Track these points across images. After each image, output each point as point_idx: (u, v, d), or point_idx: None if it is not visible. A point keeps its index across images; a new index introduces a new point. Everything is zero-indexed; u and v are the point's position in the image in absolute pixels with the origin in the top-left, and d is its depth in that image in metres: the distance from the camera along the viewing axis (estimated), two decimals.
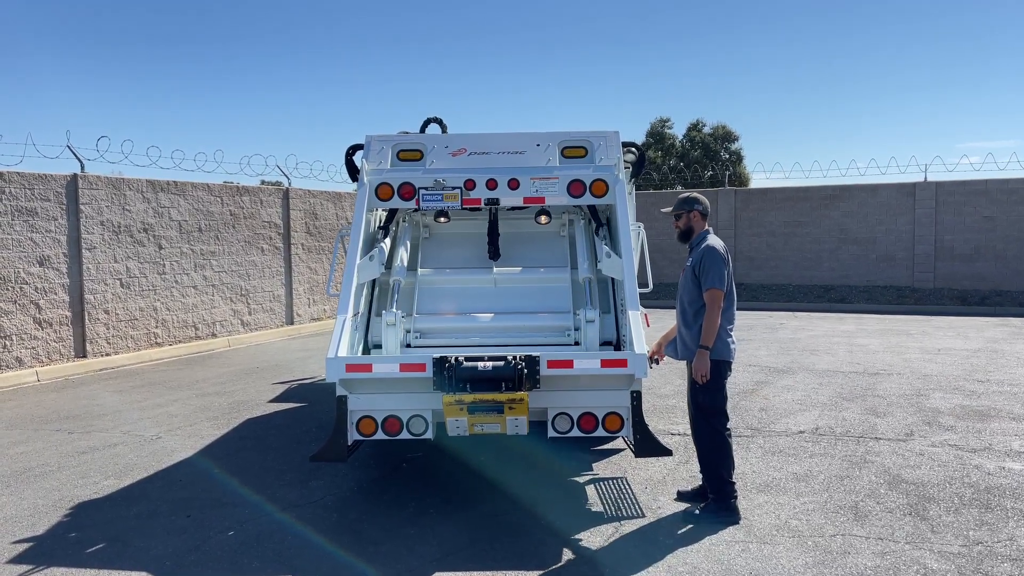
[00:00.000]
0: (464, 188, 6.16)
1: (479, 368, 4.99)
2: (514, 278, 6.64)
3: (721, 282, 5.01)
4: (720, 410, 5.12)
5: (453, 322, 6.31)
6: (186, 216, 13.79)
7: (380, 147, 6.46)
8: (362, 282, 6.00)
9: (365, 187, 6.19)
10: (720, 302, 5.00)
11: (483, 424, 5.09)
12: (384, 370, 5.14)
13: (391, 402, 5.33)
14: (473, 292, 6.55)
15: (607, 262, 5.95)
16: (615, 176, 6.19)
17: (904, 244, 20.01)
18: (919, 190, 19.84)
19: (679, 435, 7.20)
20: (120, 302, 12.52)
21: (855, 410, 8.15)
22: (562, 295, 6.47)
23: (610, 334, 6.18)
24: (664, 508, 5.36)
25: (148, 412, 8.64)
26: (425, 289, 6.59)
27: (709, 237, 5.24)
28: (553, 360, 5.10)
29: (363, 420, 5.35)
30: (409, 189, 6.19)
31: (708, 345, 4.99)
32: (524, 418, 5.05)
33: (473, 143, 6.42)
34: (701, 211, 5.31)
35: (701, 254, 5.12)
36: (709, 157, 39.31)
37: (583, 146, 6.46)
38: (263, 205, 15.61)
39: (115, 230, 12.46)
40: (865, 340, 13.35)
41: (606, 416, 5.32)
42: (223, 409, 8.72)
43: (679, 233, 5.37)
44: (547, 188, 6.17)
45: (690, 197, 5.33)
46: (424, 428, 5.34)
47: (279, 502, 5.61)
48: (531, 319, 6.30)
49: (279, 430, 7.74)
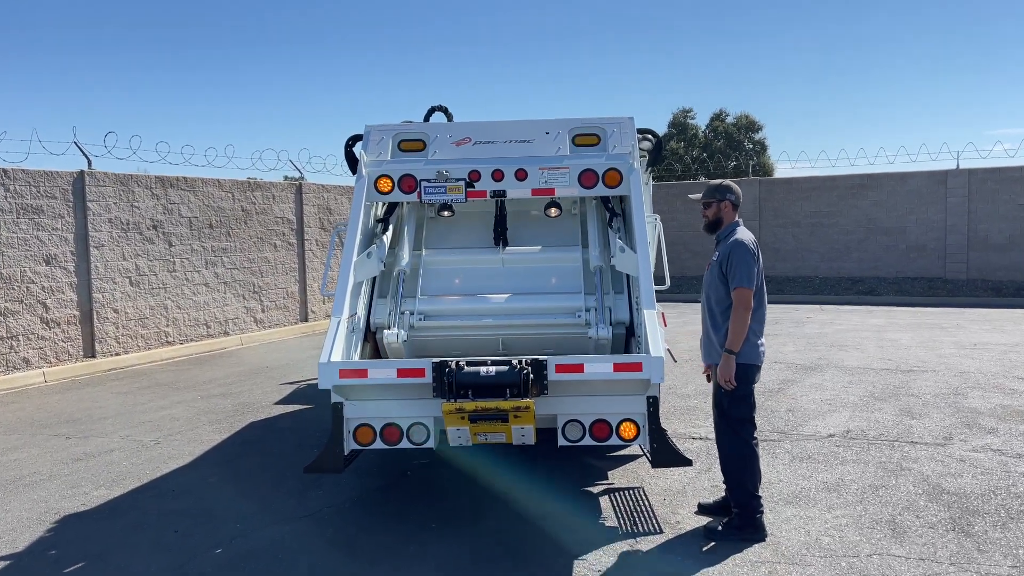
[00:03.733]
0: (468, 180, 5.79)
1: (481, 374, 4.63)
2: (523, 258, 6.36)
3: (750, 280, 4.60)
4: (746, 418, 4.72)
5: (459, 303, 6.09)
6: (196, 212, 13.55)
7: (380, 137, 6.10)
8: (359, 280, 5.65)
9: (364, 179, 5.84)
10: (749, 302, 4.59)
11: (486, 433, 4.72)
12: (381, 376, 4.79)
13: (390, 409, 4.99)
14: (480, 273, 6.30)
15: (621, 257, 5.56)
16: (630, 165, 5.79)
17: (935, 234, 19.36)
18: (951, 178, 19.18)
19: (701, 439, 6.80)
20: (129, 301, 12.30)
21: (888, 411, 7.69)
22: (573, 276, 6.20)
23: (623, 315, 5.89)
24: (684, 523, 4.97)
25: (150, 415, 8.37)
26: (430, 270, 6.34)
27: (738, 230, 4.83)
28: (562, 364, 4.72)
29: (360, 429, 5.02)
30: (410, 181, 5.83)
31: (734, 349, 4.58)
32: (531, 427, 4.68)
33: (478, 132, 6.05)
34: (733, 201, 4.89)
35: (729, 249, 4.70)
36: (732, 147, 38.68)
37: (596, 133, 6.06)
38: (276, 200, 15.33)
39: (123, 227, 12.24)
40: (896, 334, 12.82)
41: (620, 423, 4.94)
42: (227, 412, 8.44)
43: (706, 223, 4.96)
44: (557, 179, 5.79)
45: (722, 185, 4.92)
46: (425, 437, 4.99)
47: (274, 514, 5.29)
48: (540, 300, 6.04)
49: (282, 434, 7.43)
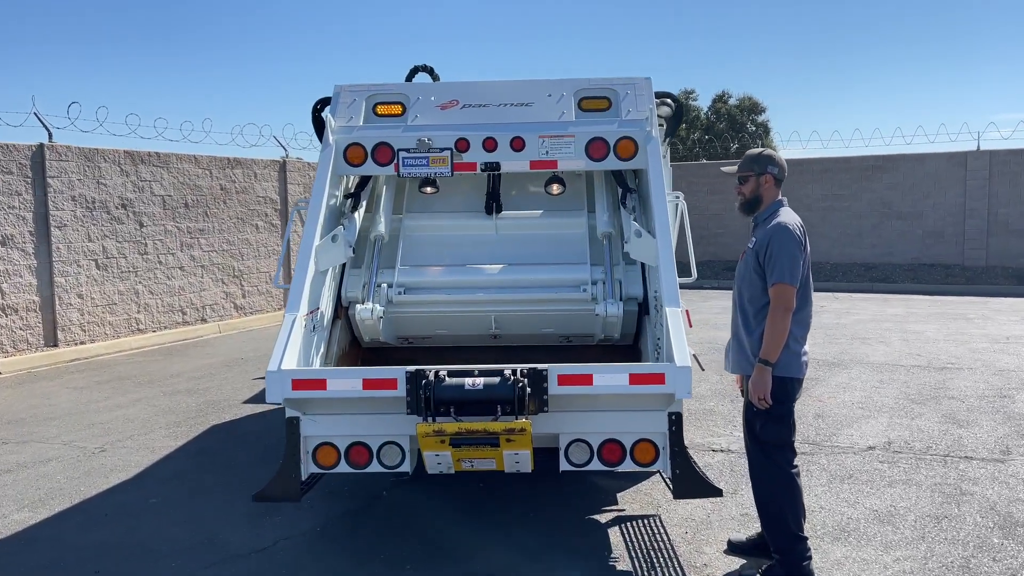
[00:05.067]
0: (455, 149, 4.89)
1: (466, 387, 3.75)
2: (519, 224, 5.57)
3: (793, 275, 3.70)
4: (784, 443, 3.83)
5: (445, 275, 5.31)
6: (170, 191, 12.60)
7: (351, 99, 5.19)
8: (323, 269, 4.74)
9: (330, 148, 4.93)
10: (791, 302, 3.70)
11: (472, 460, 3.85)
12: (342, 388, 3.91)
13: (357, 425, 4.11)
14: (470, 240, 5.51)
15: (637, 243, 4.66)
16: (647, 133, 4.88)
17: (954, 218, 18.45)
18: (971, 159, 18.25)
19: (723, 452, 5.93)
20: (96, 285, 11.38)
21: (930, 417, 6.82)
22: (577, 243, 5.42)
23: (635, 289, 5.15)
24: (712, 566, 4.10)
25: (103, 415, 7.49)
26: (412, 236, 5.53)
27: (782, 211, 3.93)
28: (566, 375, 3.84)
29: (321, 448, 4.15)
30: (386, 151, 4.93)
31: (770, 359, 3.69)
32: (527, 452, 3.80)
33: (467, 93, 5.14)
34: (775, 175, 3.98)
35: (769, 235, 3.80)
36: (735, 129, 37.76)
37: (606, 96, 5.16)
38: (258, 178, 14.40)
39: (89, 206, 11.30)
40: (919, 326, 11.95)
41: (636, 444, 4.07)
42: (189, 412, 7.56)
43: (742, 202, 4.04)
44: (560, 149, 4.88)
45: (763, 155, 4.00)
46: (399, 459, 4.12)
47: (219, 550, 4.41)
48: (539, 271, 5.27)
49: (245, 441, 6.55)
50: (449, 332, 5.55)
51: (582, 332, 5.50)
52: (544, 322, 5.38)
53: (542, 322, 5.38)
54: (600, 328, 5.24)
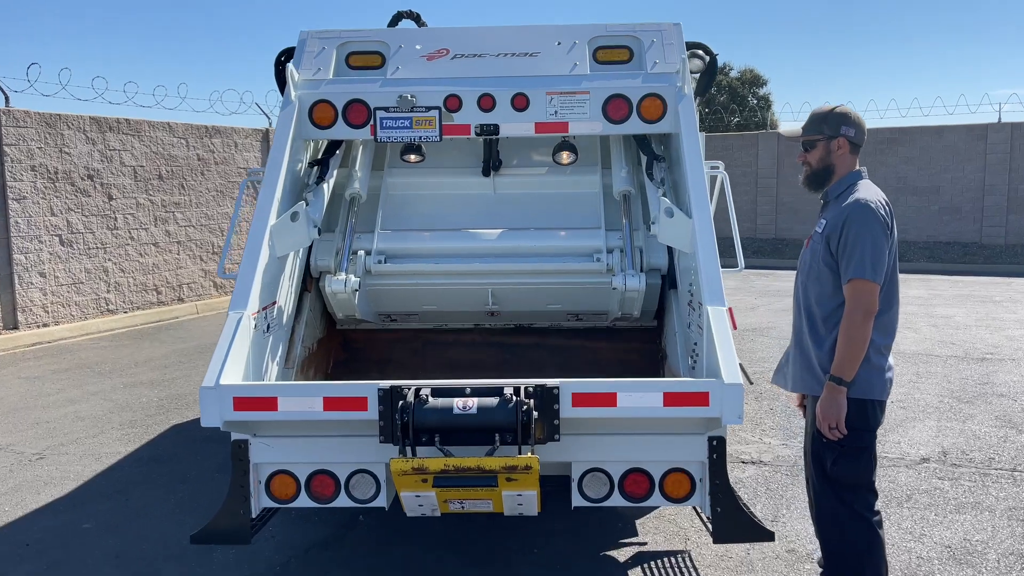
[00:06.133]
0: (445, 108, 4.03)
1: (455, 410, 2.93)
2: (521, 182, 4.77)
3: (877, 269, 2.88)
4: (862, 483, 3.03)
5: (433, 241, 4.53)
6: (142, 161, 11.69)
7: (320, 48, 4.32)
8: (281, 255, 3.88)
9: (292, 106, 4.06)
10: (873, 303, 2.88)
11: (463, 501, 3.04)
12: (297, 408, 3.09)
13: (321, 450, 3.31)
14: (463, 201, 4.71)
15: (667, 224, 3.79)
16: (678, 89, 4.03)
17: (972, 194, 17.61)
18: (992, 132, 17.38)
19: (753, 464, 5.14)
20: (60, 263, 10.51)
21: (983, 420, 6.04)
22: (591, 205, 4.62)
23: (659, 259, 4.38)
24: None
25: (52, 412, 6.67)
26: (394, 196, 4.73)
27: (860, 185, 3.10)
28: (583, 394, 3.03)
29: (277, 478, 3.35)
30: (361, 110, 4.07)
31: (845, 377, 2.88)
32: (533, 493, 2.99)
33: (460, 41, 4.28)
34: (851, 138, 3.15)
35: (844, 215, 2.96)
36: (736, 102, 36.86)
37: (627, 45, 4.31)
38: (238, 148, 13.47)
39: (51, 177, 10.39)
40: (946, 310, 11.15)
41: (667, 475, 3.28)
42: (149, 408, 6.75)
43: (808, 174, 3.20)
44: (572, 108, 4.03)
45: (835, 112, 3.16)
46: (373, 490, 3.33)
47: None
48: (545, 238, 4.48)
49: (205, 447, 5.73)
50: (438, 308, 4.75)
51: (595, 309, 4.71)
52: (550, 297, 4.59)
53: (547, 297, 4.59)
54: (617, 304, 4.43)
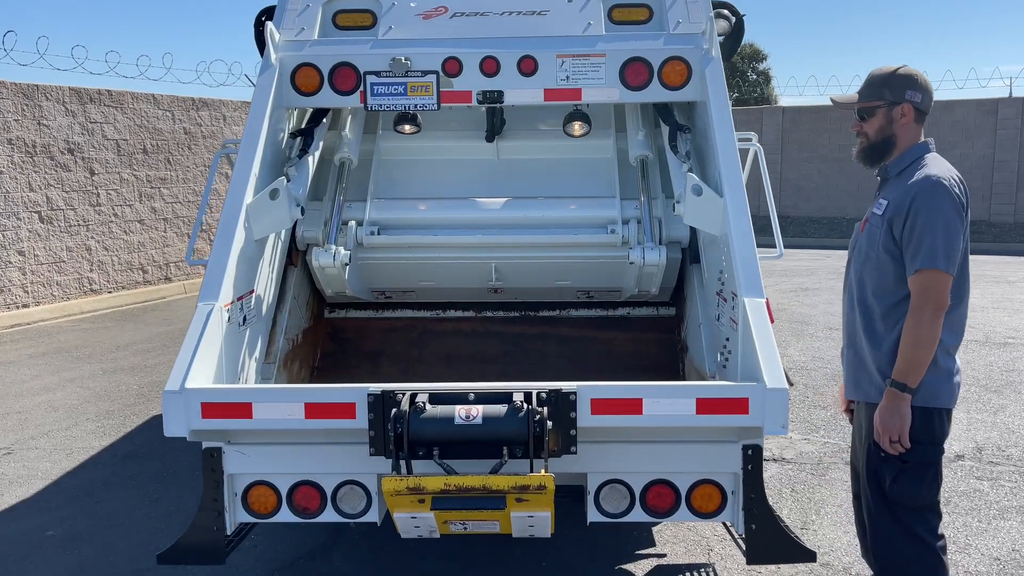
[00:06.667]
0: (443, 73, 3.60)
1: (458, 420, 2.54)
2: (527, 147, 4.36)
3: (950, 257, 2.48)
4: (926, 504, 2.65)
5: (431, 211, 4.13)
6: (125, 134, 11.21)
7: (304, 5, 3.88)
8: (258, 237, 3.46)
9: (272, 70, 3.62)
10: (944, 297, 2.48)
11: (466, 522, 2.66)
12: (275, 415, 2.71)
13: (304, 460, 2.93)
14: (464, 167, 4.32)
15: (695, 203, 3.36)
16: (704, 52, 3.60)
17: (981, 171, 17.21)
18: (1002, 107, 16.96)
19: (775, 461, 4.77)
20: (40, 241, 10.07)
21: (1015, 411, 5.68)
22: (604, 172, 4.23)
23: (680, 230, 3.98)
24: None
25: (24, 401, 6.28)
26: (388, 161, 4.32)
27: (928, 159, 2.69)
28: (603, 399, 2.64)
29: (255, 490, 2.97)
30: (349, 74, 3.64)
31: (910, 382, 2.49)
32: (547, 514, 2.61)
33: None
34: (918, 105, 2.73)
35: (911, 194, 2.55)
36: (736, 77, 36.42)
37: (646, 3, 3.89)
38: (227, 121, 12.99)
39: (28, 151, 9.92)
40: None
41: (695, 487, 2.90)
42: (128, 397, 6.36)
43: (863, 147, 2.77)
44: (586, 73, 3.60)
45: (899, 74, 2.73)
46: (363, 504, 2.94)
47: None
48: (553, 208, 4.10)
49: (184, 442, 5.32)
50: (436, 284, 4.34)
51: (608, 286, 4.30)
52: (559, 272, 4.18)
53: (556, 272, 4.18)
54: (634, 280, 4.02)
